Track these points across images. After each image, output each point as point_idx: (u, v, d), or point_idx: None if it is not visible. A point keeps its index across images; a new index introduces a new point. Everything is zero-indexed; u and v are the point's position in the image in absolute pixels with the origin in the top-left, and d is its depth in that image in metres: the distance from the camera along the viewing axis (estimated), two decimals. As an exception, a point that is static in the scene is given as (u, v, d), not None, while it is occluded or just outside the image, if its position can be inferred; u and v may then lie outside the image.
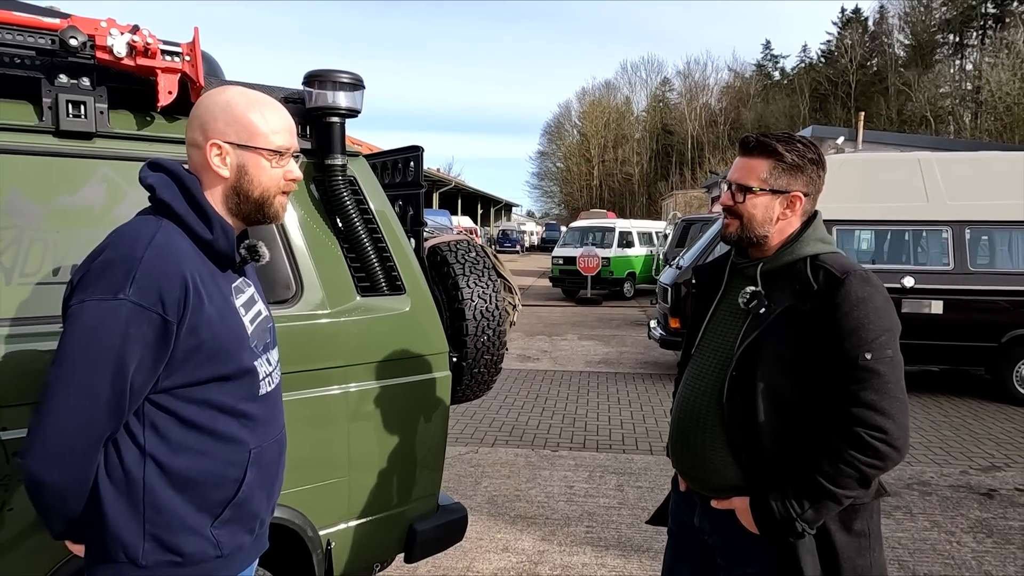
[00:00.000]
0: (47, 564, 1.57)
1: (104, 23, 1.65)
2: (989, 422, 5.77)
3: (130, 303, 1.13)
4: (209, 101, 1.30)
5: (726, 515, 1.49)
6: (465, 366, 2.35)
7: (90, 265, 1.18)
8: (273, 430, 1.37)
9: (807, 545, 1.37)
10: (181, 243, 1.22)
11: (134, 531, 1.20)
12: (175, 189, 1.25)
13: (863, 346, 1.33)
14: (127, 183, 1.72)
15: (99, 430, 1.15)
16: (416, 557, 2.24)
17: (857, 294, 1.36)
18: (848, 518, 1.41)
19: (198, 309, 1.20)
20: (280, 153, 1.31)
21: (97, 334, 1.13)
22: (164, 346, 1.17)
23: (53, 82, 1.64)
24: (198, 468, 1.23)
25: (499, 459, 4.75)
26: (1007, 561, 3.30)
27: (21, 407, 1.51)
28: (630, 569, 3.19)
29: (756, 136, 1.50)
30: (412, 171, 2.42)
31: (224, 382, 1.26)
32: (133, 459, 1.20)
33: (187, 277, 1.19)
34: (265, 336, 1.38)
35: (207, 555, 1.25)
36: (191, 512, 1.23)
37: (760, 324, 1.42)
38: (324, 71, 1.94)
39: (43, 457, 1.13)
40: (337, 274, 2.02)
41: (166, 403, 1.22)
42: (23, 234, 1.59)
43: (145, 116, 1.79)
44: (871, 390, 1.32)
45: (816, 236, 1.48)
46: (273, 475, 1.38)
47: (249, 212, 1.32)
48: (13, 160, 1.60)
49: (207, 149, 1.27)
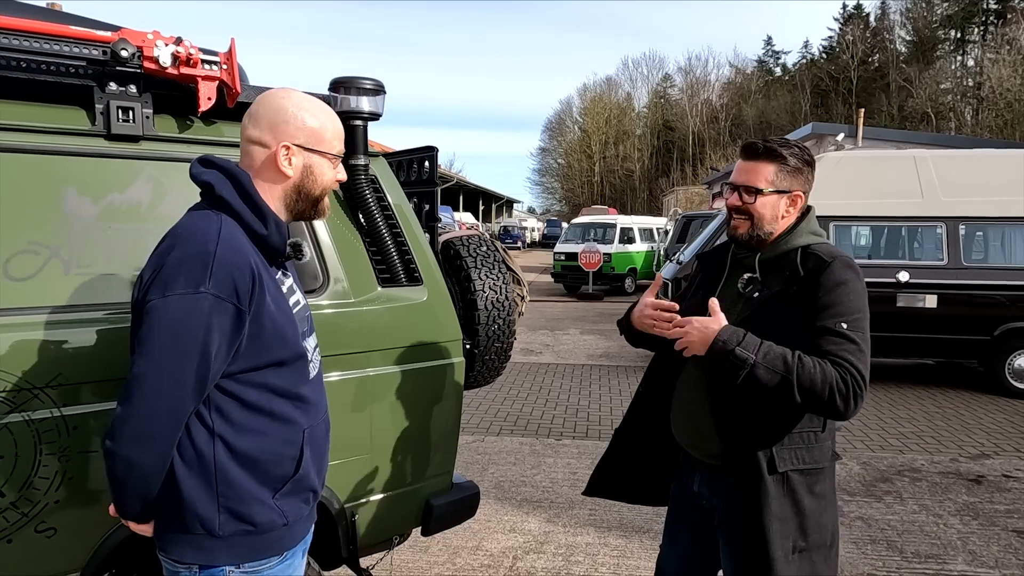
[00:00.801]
0: (103, 529, 1.72)
1: (150, 35, 1.79)
2: (981, 412, 5.92)
3: (211, 296, 1.21)
4: (277, 104, 1.36)
5: (722, 481, 1.65)
6: (477, 353, 2.51)
7: (164, 261, 1.23)
8: (321, 410, 1.47)
9: (774, 511, 1.53)
10: (241, 236, 1.30)
11: (209, 505, 1.29)
12: (231, 187, 1.33)
13: (840, 317, 1.49)
14: (170, 182, 1.87)
15: (184, 412, 1.24)
16: (432, 530, 2.39)
17: (840, 276, 1.52)
18: (812, 482, 1.58)
19: (261, 298, 1.29)
20: (339, 157, 1.43)
21: (184, 326, 1.20)
22: (237, 333, 1.26)
23: (104, 89, 1.79)
24: (259, 447, 1.33)
25: (505, 447, 4.91)
26: (991, 541, 3.46)
27: (81, 385, 1.67)
28: (631, 548, 3.35)
29: (763, 142, 1.64)
30: (427, 170, 2.57)
31: (280, 367, 1.34)
32: (203, 440, 1.29)
33: (254, 268, 1.27)
34: (304, 324, 1.47)
35: (275, 524, 1.35)
36: (256, 486, 1.33)
37: (753, 306, 1.59)
38: (349, 78, 2.09)
39: (137, 439, 1.21)
40: (360, 266, 2.18)
41: (230, 387, 1.30)
42: (78, 229, 1.74)
43: (185, 120, 1.94)
44: (847, 351, 1.47)
45: (808, 229, 1.65)
46: (323, 452, 1.49)
47: (304, 209, 1.42)
48: (69, 161, 1.75)
49: (277, 150, 1.35)
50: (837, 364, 1.46)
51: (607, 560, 3.25)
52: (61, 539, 1.67)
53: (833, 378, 1.44)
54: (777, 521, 1.53)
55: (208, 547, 1.31)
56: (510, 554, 3.30)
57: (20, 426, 1.59)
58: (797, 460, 1.56)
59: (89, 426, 1.68)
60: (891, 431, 5.37)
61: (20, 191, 1.67)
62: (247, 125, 1.38)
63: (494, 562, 3.23)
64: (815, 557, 1.58)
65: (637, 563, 3.20)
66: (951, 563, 3.24)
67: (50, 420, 1.63)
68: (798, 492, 1.56)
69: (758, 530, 1.53)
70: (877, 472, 4.45)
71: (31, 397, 1.61)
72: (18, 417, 1.59)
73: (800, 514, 1.56)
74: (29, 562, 1.64)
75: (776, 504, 1.53)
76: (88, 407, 1.68)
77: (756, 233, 1.63)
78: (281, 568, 1.39)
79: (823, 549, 1.60)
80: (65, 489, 1.66)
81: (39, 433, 1.62)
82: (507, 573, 3.13)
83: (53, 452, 1.64)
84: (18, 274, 1.64)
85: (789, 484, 1.55)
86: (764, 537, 1.52)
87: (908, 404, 6.22)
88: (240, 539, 1.32)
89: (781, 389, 1.45)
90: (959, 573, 3.15)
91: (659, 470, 1.88)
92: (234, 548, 1.32)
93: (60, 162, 1.74)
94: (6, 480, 1.59)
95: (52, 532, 1.66)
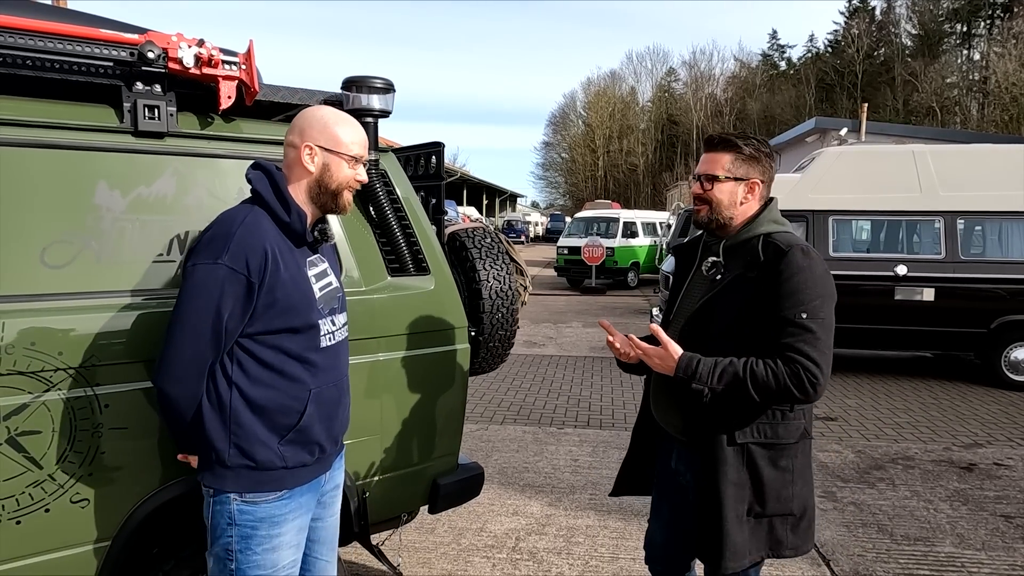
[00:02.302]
0: (132, 500, 1.84)
1: (175, 38, 1.91)
2: (976, 403, 6.02)
3: (226, 267, 1.51)
4: (309, 114, 1.67)
5: (691, 455, 1.78)
6: (482, 340, 2.62)
7: (201, 237, 1.57)
8: (333, 375, 1.72)
9: (730, 477, 1.65)
10: (266, 224, 1.59)
11: (223, 439, 1.59)
12: (266, 183, 1.62)
13: (799, 307, 1.58)
14: (192, 176, 1.98)
15: (204, 359, 1.54)
16: (439, 508, 2.51)
17: (798, 264, 1.60)
18: (775, 456, 1.69)
19: (275, 274, 1.56)
20: (355, 159, 1.67)
21: (202, 288, 1.51)
22: (249, 300, 1.55)
23: (131, 89, 1.90)
24: (268, 398, 1.60)
25: (508, 435, 5.03)
26: (979, 525, 3.57)
27: (112, 366, 1.78)
28: (630, 530, 3.47)
29: (718, 134, 1.78)
30: (434, 165, 2.68)
31: (293, 333, 1.62)
32: (223, 387, 1.59)
33: (267, 249, 1.56)
34: (333, 302, 1.73)
35: (274, 464, 1.62)
36: (263, 431, 1.60)
37: (714, 288, 1.72)
38: (360, 77, 2.20)
39: (169, 377, 1.53)
40: (370, 256, 2.29)
41: (249, 346, 1.59)
42: (109, 220, 1.86)
43: (206, 118, 2.06)
44: (804, 342, 1.57)
45: (770, 218, 1.75)
46: (332, 412, 1.72)
47: (325, 201, 1.67)
48: (99, 156, 1.87)
49: (301, 149, 1.63)
50: (790, 360, 1.56)
51: (606, 541, 3.37)
52: (93, 510, 1.79)
53: (784, 377, 1.55)
54: (732, 486, 1.65)
55: (220, 474, 1.61)
56: (513, 535, 3.43)
57: (56, 404, 1.71)
58: (759, 434, 1.68)
59: (120, 404, 1.79)
60: (887, 421, 5.48)
61: (55, 185, 1.79)
62: (287, 132, 1.68)
63: (497, 543, 3.35)
64: (775, 523, 1.69)
65: (635, 544, 3.31)
66: (939, 545, 3.35)
67: (84, 399, 1.75)
68: (758, 464, 1.67)
69: (714, 493, 1.66)
70: (871, 460, 4.56)
71: (67, 377, 1.73)
72: (55, 396, 1.71)
73: (758, 483, 1.67)
74: (64, 530, 1.76)
75: (732, 471, 1.66)
76: (119, 387, 1.79)
77: (715, 217, 1.75)
78: (279, 504, 1.64)
79: (789, 518, 1.70)
80: (97, 463, 1.78)
81: (74, 411, 1.74)
82: (510, 553, 3.25)
83: (87, 428, 1.76)
84: (54, 262, 1.76)
85: (749, 455, 1.67)
86: (719, 499, 1.65)
87: (904, 395, 6.32)
88: (244, 472, 1.60)
89: (742, 398, 1.61)
90: (946, 554, 3.26)
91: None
92: (239, 479, 1.60)
93: (91, 157, 1.85)
94: (44, 454, 1.71)
95: (85, 503, 1.78)
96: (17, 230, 1.71)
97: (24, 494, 1.68)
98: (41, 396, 1.69)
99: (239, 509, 1.61)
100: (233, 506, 1.61)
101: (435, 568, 3.11)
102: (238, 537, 1.62)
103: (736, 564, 1.65)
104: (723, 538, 1.65)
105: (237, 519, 1.61)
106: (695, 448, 1.76)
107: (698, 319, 1.74)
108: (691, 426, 1.75)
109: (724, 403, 1.65)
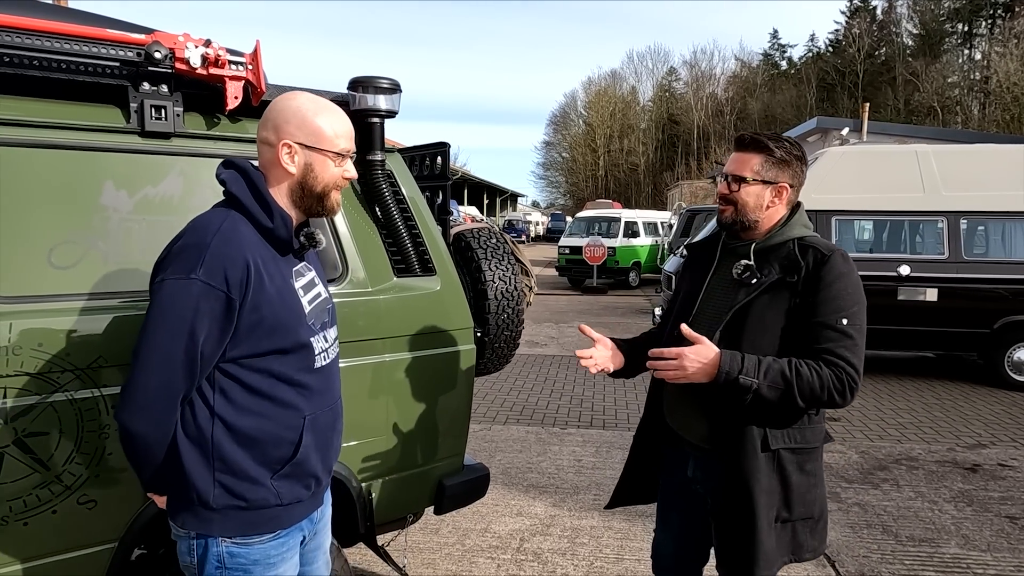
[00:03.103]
0: (139, 503, 1.84)
1: (181, 37, 1.90)
2: (979, 404, 6.01)
3: (200, 282, 1.29)
4: (283, 105, 1.43)
5: (712, 463, 1.75)
6: (487, 341, 2.62)
7: (170, 249, 1.36)
8: (328, 399, 1.53)
9: (763, 485, 1.64)
10: (245, 231, 1.38)
11: (205, 478, 1.38)
12: (243, 184, 1.41)
13: (840, 312, 1.60)
14: (199, 177, 1.98)
15: (175, 389, 1.33)
16: (444, 509, 2.51)
17: (840, 269, 1.63)
18: (802, 461, 1.69)
19: (259, 289, 1.35)
20: (342, 155, 1.46)
21: (173, 307, 1.30)
22: (229, 320, 1.33)
23: (138, 89, 1.89)
24: (259, 429, 1.40)
25: (511, 436, 5.03)
26: (984, 526, 3.56)
27: (119, 367, 1.78)
28: (634, 531, 3.46)
29: (750, 134, 1.75)
30: (439, 165, 2.68)
31: (283, 355, 1.41)
32: (204, 418, 1.38)
33: (249, 261, 1.34)
34: (323, 316, 1.53)
35: (268, 502, 1.42)
36: (253, 465, 1.40)
37: (751, 292, 1.68)
38: (367, 77, 2.19)
39: (131, 409, 1.33)
40: (376, 257, 2.28)
41: (233, 371, 1.38)
42: (115, 221, 1.85)
43: (212, 118, 2.05)
44: (845, 348, 1.59)
45: (801, 222, 1.75)
46: (328, 439, 1.53)
47: (310, 205, 1.47)
48: (106, 157, 1.86)
49: (279, 148, 1.41)
50: (832, 364, 1.57)
51: (611, 542, 3.36)
52: (100, 511, 1.79)
53: (829, 380, 1.57)
54: (764, 494, 1.64)
55: (205, 517, 1.41)
56: (517, 536, 3.42)
57: (64, 405, 1.71)
58: (789, 439, 1.67)
59: (127, 405, 1.79)
60: (890, 421, 5.47)
61: (61, 186, 1.78)
62: (259, 127, 1.46)
63: (502, 543, 3.35)
64: (798, 527, 1.70)
65: (640, 545, 3.31)
66: (944, 546, 3.35)
67: (91, 399, 1.74)
68: (787, 469, 1.67)
69: (746, 501, 1.64)
70: (875, 460, 4.55)
71: (74, 378, 1.72)
72: (62, 396, 1.71)
73: (787, 488, 1.67)
74: (72, 531, 1.75)
75: (765, 479, 1.64)
76: (126, 388, 1.79)
77: (740, 219, 1.72)
78: (273, 545, 1.45)
79: (809, 521, 1.72)
80: (104, 464, 1.78)
81: (81, 412, 1.73)
82: (514, 554, 3.24)
83: (93, 430, 1.75)
84: (61, 263, 1.75)
85: (779, 461, 1.66)
86: (751, 508, 1.63)
87: (908, 395, 6.31)
88: (233, 513, 1.41)
89: (784, 399, 1.58)
90: (952, 556, 3.26)
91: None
92: (227, 521, 1.41)
93: (98, 158, 1.84)
94: (51, 455, 1.70)
95: (92, 504, 1.78)
96: (23, 231, 1.71)
97: (31, 495, 1.68)
98: (48, 397, 1.69)
99: (229, 552, 1.42)
100: (222, 548, 1.42)
101: (440, 569, 3.11)
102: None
103: (768, 572, 1.65)
104: (756, 547, 1.63)
105: (227, 563, 1.42)
106: (717, 456, 1.72)
107: (734, 323, 1.68)
108: (719, 433, 1.71)
109: (760, 407, 1.62)
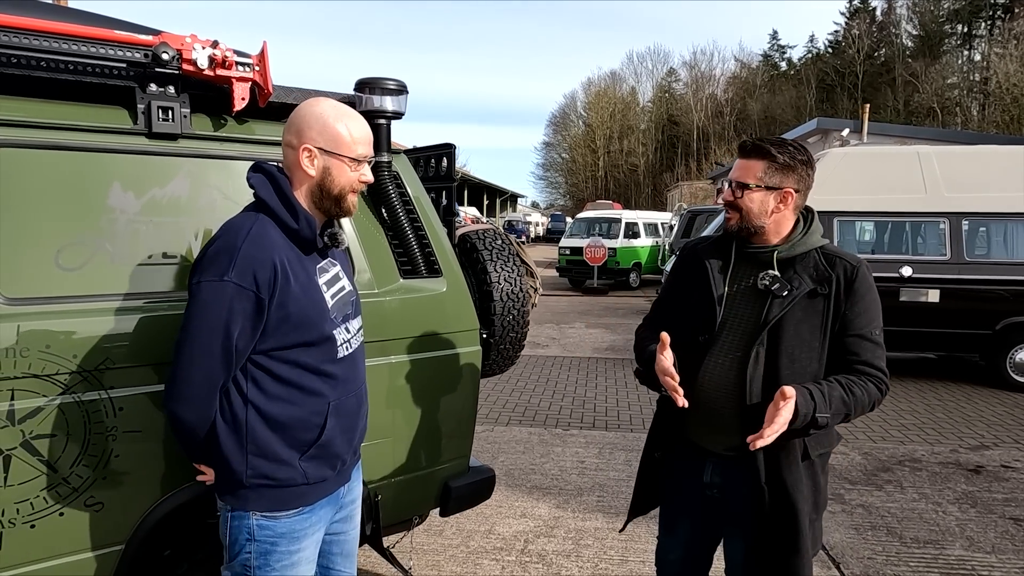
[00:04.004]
0: (145, 504, 1.83)
1: (188, 39, 1.89)
2: (982, 405, 6.01)
3: (233, 284, 1.43)
4: (306, 111, 1.55)
5: (735, 470, 1.74)
6: (493, 342, 2.61)
7: (205, 252, 1.48)
8: (352, 385, 1.66)
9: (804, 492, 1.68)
10: (273, 233, 1.50)
11: (240, 459, 1.53)
12: (270, 188, 1.53)
13: (872, 323, 1.67)
14: (206, 178, 1.97)
15: (215, 379, 1.48)
16: (450, 511, 2.51)
17: (869, 281, 1.69)
18: (824, 462, 1.76)
19: (286, 287, 1.49)
20: (359, 160, 1.57)
21: (209, 307, 1.44)
22: (259, 316, 1.48)
23: (145, 90, 1.89)
24: (288, 414, 1.54)
25: (514, 437, 5.02)
26: (988, 528, 3.56)
27: (126, 369, 1.77)
28: (638, 533, 3.46)
29: (752, 140, 1.74)
30: (445, 167, 2.67)
31: (308, 347, 1.55)
32: (239, 405, 1.52)
33: (276, 262, 1.47)
34: (346, 308, 1.65)
35: (295, 481, 1.57)
36: (283, 448, 1.54)
37: (785, 304, 1.67)
38: (373, 79, 2.19)
39: (178, 399, 1.48)
40: (383, 258, 2.28)
41: (263, 362, 1.53)
42: (123, 222, 1.85)
43: (219, 119, 2.05)
44: (878, 358, 1.67)
45: (819, 230, 1.77)
46: (353, 423, 1.67)
47: (328, 206, 1.59)
48: (113, 158, 1.86)
49: (300, 151, 1.53)
50: (871, 376, 1.65)
51: (615, 544, 3.36)
52: (108, 513, 1.78)
53: (875, 394, 1.66)
54: (804, 500, 1.68)
55: (240, 494, 1.56)
56: (521, 537, 3.42)
57: (71, 407, 1.70)
58: (819, 445, 1.73)
59: (133, 407, 1.78)
60: (892, 423, 5.47)
61: (69, 187, 1.78)
62: (284, 130, 1.57)
63: (506, 545, 3.34)
64: (817, 525, 1.76)
65: (644, 547, 3.30)
66: (949, 548, 3.34)
67: (98, 401, 1.74)
68: (817, 473, 1.74)
69: (789, 509, 1.66)
70: (878, 462, 4.55)
71: (81, 380, 1.72)
72: (69, 399, 1.70)
73: (816, 491, 1.74)
74: (79, 533, 1.75)
75: (806, 486, 1.69)
76: (133, 390, 1.78)
77: (745, 225, 1.72)
78: (298, 520, 1.60)
79: (823, 516, 1.80)
80: (112, 467, 1.77)
81: (88, 414, 1.73)
82: (519, 555, 3.24)
83: (101, 432, 1.75)
84: (68, 264, 1.75)
85: (812, 467, 1.72)
86: (795, 515, 1.65)
87: (910, 396, 6.31)
88: (264, 490, 1.55)
89: (842, 420, 1.66)
90: (956, 558, 3.25)
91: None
92: (260, 498, 1.56)
93: (105, 159, 1.84)
94: (58, 457, 1.70)
95: (100, 506, 1.77)
96: (31, 232, 1.70)
97: (38, 497, 1.67)
98: (55, 399, 1.68)
99: (259, 524, 1.56)
100: (252, 521, 1.56)
101: (444, 570, 3.10)
102: (257, 553, 1.57)
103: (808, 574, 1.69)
104: (801, 552, 1.66)
105: (256, 534, 1.57)
106: (741, 462, 1.71)
107: (772, 335, 1.67)
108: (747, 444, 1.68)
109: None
